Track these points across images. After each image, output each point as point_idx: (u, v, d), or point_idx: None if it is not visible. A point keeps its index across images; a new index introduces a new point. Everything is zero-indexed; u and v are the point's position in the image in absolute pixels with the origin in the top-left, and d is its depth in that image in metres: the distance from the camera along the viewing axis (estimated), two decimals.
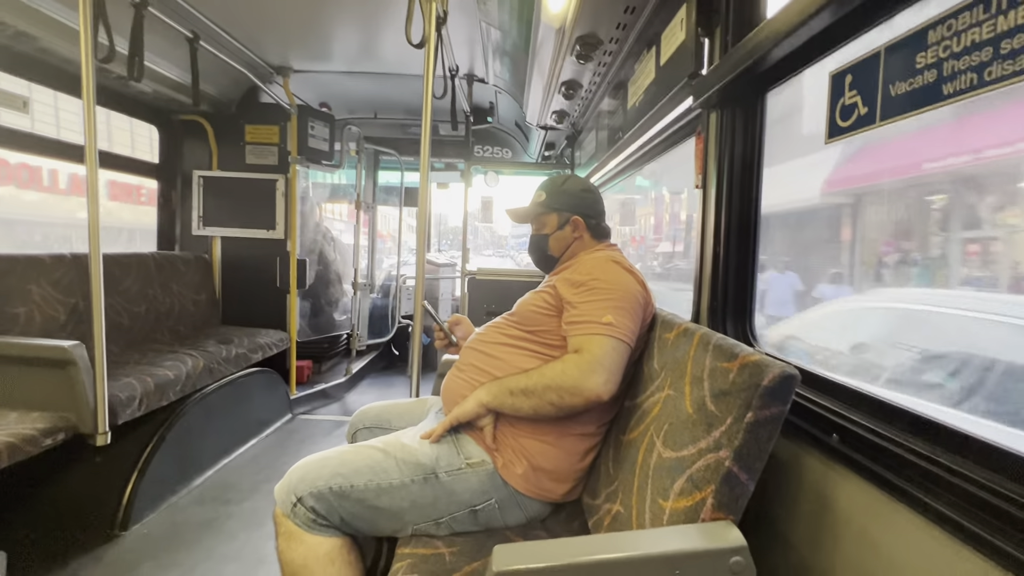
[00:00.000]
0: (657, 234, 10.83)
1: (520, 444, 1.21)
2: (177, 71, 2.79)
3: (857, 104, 0.81)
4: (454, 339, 1.59)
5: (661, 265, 9.85)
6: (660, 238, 10.57)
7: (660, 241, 10.55)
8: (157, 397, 2.13)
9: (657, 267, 9.73)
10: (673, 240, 9.82)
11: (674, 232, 9.75)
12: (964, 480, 0.64)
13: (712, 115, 1.29)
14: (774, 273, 3.85)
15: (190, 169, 3.43)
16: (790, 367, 0.79)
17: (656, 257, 10.37)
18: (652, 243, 11.04)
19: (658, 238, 10.71)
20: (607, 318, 1.14)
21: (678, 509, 0.85)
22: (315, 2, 2.41)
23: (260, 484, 2.40)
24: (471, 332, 1.58)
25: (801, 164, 3.42)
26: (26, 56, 2.31)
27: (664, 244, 10.35)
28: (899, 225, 2.90)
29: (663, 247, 10.35)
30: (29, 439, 1.63)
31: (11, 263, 2.20)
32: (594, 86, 2.45)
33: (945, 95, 0.64)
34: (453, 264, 4.94)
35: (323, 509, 1.12)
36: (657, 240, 10.74)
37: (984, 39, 0.59)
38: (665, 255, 10.08)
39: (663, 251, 10.23)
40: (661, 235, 10.53)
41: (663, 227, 10.40)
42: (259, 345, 3.07)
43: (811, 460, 0.91)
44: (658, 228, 10.82)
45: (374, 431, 1.53)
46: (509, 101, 3.62)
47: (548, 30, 1.94)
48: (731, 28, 1.20)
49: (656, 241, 10.80)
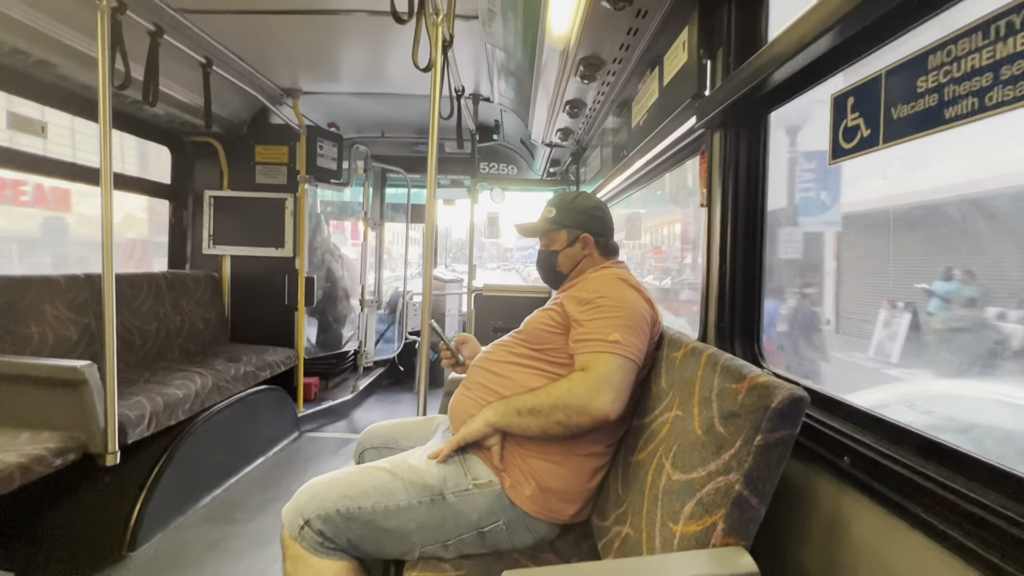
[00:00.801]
0: (685, 243, 10.76)
1: (528, 464, 1.20)
2: (190, 95, 2.86)
3: (860, 126, 0.82)
4: (460, 358, 1.59)
5: (690, 277, 9.60)
6: (689, 247, 10.46)
7: (688, 250, 10.45)
8: (166, 416, 2.15)
9: (689, 278, 9.46)
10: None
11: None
12: (981, 508, 0.63)
13: (716, 135, 1.30)
14: None
15: (201, 189, 3.50)
16: (799, 389, 0.78)
17: (683, 269, 10.22)
18: (679, 252, 10.97)
19: (687, 247, 10.62)
20: (614, 336, 1.14)
21: (688, 533, 0.84)
22: (324, 27, 2.47)
23: (267, 503, 2.39)
24: (478, 351, 1.58)
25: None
26: (45, 83, 2.38)
27: (690, 254, 10.24)
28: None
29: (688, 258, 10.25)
30: (40, 459, 1.64)
31: (26, 284, 2.24)
32: (598, 105, 2.48)
33: (947, 119, 0.65)
34: (460, 280, 4.96)
35: (330, 531, 1.11)
36: (686, 249, 10.64)
37: (984, 65, 0.60)
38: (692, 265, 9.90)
39: (688, 262, 10.12)
40: (689, 243, 10.43)
41: (690, 234, 10.31)
42: (267, 363, 3.09)
43: (823, 483, 0.90)
44: (685, 236, 10.76)
45: (382, 451, 1.52)
46: (514, 119, 3.67)
47: (552, 51, 1.97)
48: (733, 51, 1.22)
49: (684, 250, 10.73)
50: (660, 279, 10.98)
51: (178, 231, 3.51)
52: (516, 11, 2.03)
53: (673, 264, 11.46)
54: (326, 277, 4.17)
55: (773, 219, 5.45)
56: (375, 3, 2.22)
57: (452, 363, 1.59)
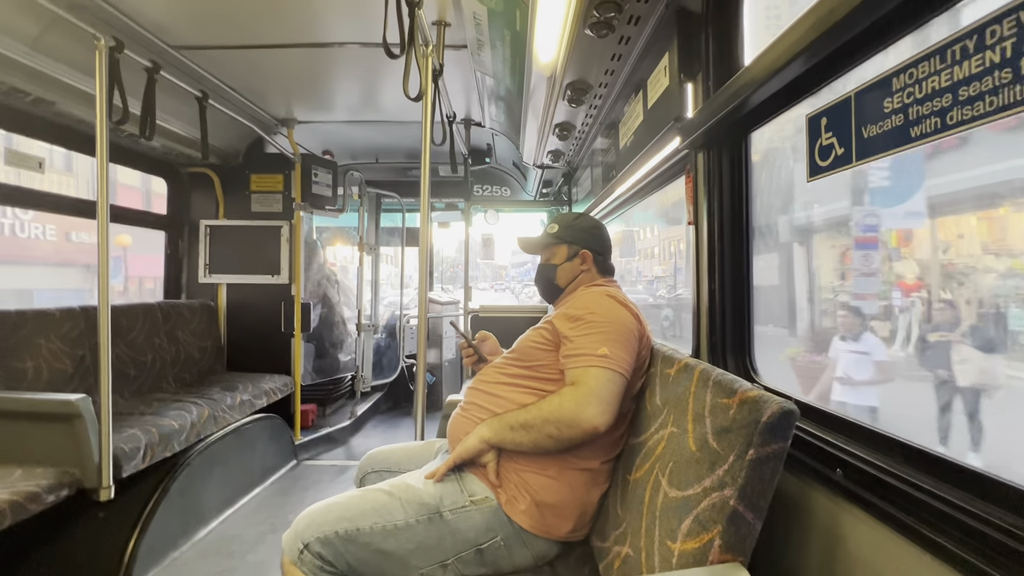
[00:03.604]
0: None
1: (523, 479, 1.21)
2: (186, 127, 2.91)
3: (834, 144, 0.85)
4: (482, 354, 1.61)
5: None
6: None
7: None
8: (162, 448, 2.13)
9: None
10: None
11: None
12: (976, 519, 0.64)
13: (699, 155, 1.34)
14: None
15: (197, 219, 3.53)
16: (788, 402, 0.79)
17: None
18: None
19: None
20: (602, 350, 1.17)
21: (686, 551, 0.84)
22: (317, 59, 2.54)
23: (265, 535, 2.35)
24: (498, 349, 1.62)
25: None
26: (42, 119, 2.42)
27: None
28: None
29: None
30: (33, 497, 1.62)
31: (21, 318, 2.24)
32: (587, 127, 2.54)
33: (913, 137, 0.68)
34: (456, 302, 4.97)
35: (330, 555, 1.11)
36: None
37: (943, 86, 0.63)
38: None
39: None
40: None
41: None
42: (264, 391, 3.07)
43: (819, 497, 0.90)
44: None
45: (383, 475, 1.52)
46: (506, 142, 3.74)
47: (540, 77, 2.03)
48: (712, 74, 1.26)
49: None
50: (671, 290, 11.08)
51: (174, 261, 3.52)
52: (503, 40, 2.09)
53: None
54: (322, 303, 4.18)
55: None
56: (367, 35, 2.29)
57: (474, 360, 1.62)
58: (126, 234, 12.97)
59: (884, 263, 4.48)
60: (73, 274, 12.77)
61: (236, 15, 2.12)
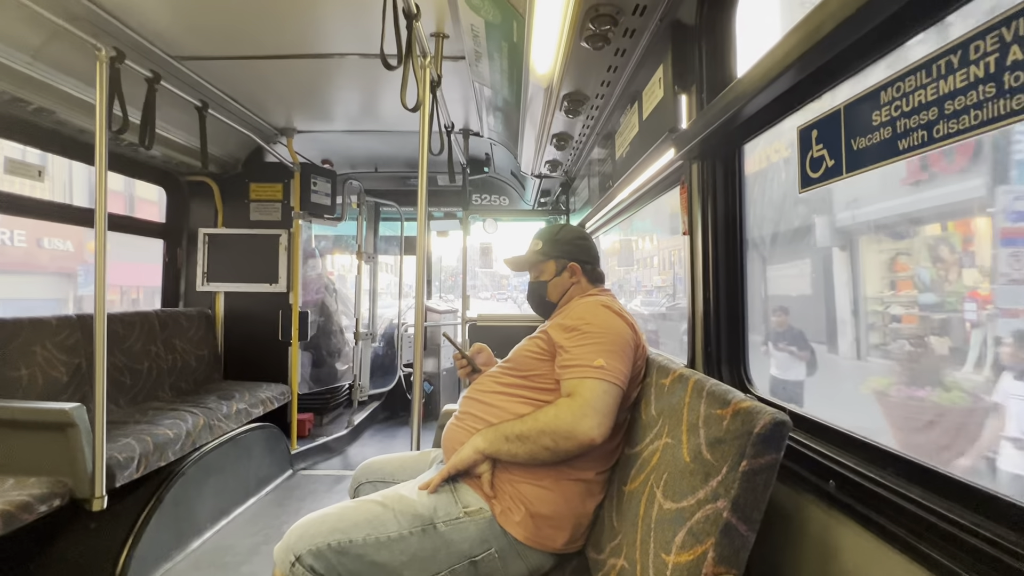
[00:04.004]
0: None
1: (517, 490, 1.20)
2: (185, 136, 2.92)
3: (824, 157, 0.86)
4: (476, 366, 1.61)
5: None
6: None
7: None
8: (156, 457, 2.11)
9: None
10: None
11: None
12: (968, 532, 0.63)
13: (694, 166, 1.35)
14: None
15: (196, 227, 3.53)
16: (781, 413, 0.79)
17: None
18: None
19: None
20: (598, 361, 1.16)
21: (680, 564, 0.83)
22: (317, 69, 2.56)
23: (259, 546, 2.32)
24: (492, 360, 1.61)
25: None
26: (42, 128, 2.43)
27: None
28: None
29: None
30: (25, 506, 1.60)
31: (17, 327, 2.23)
32: (584, 137, 2.55)
33: (901, 150, 0.69)
34: (454, 311, 4.97)
35: (322, 568, 1.10)
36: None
37: (929, 100, 0.64)
38: None
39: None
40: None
41: None
42: (260, 399, 3.06)
43: (813, 509, 0.90)
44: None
45: (377, 485, 1.51)
46: (504, 152, 3.76)
47: (537, 88, 2.04)
48: (705, 86, 1.28)
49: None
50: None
51: (172, 269, 3.53)
52: (501, 52, 2.11)
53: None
54: (320, 311, 4.17)
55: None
56: (366, 47, 2.31)
57: (468, 372, 1.61)
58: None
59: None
60: (45, 283, 11.83)
61: (236, 26, 2.14)
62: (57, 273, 12.12)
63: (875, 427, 3.02)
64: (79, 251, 12.34)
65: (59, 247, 12.03)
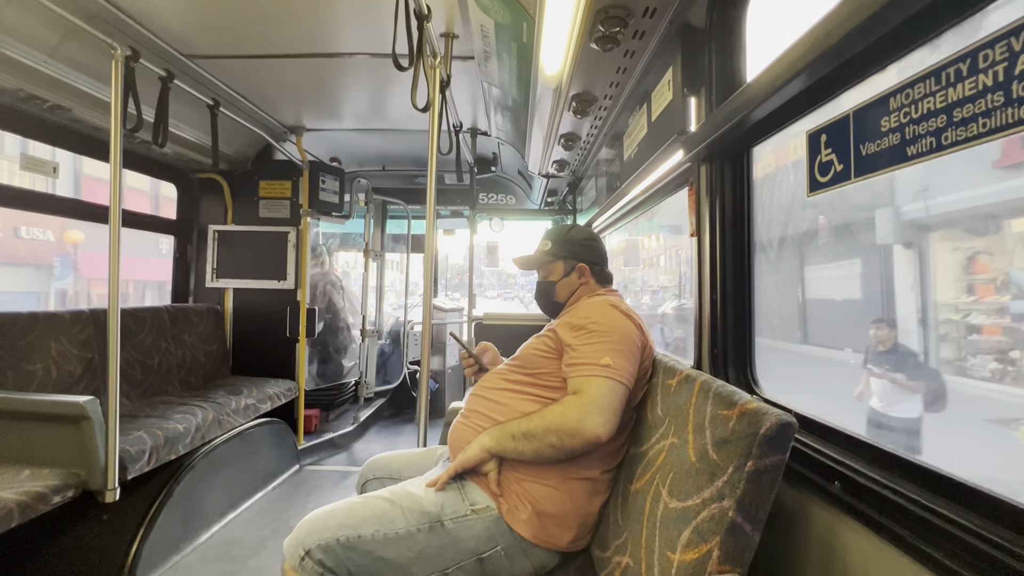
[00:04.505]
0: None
1: (524, 489, 1.21)
2: (197, 134, 2.96)
3: (833, 161, 0.86)
4: (482, 364, 1.62)
5: None
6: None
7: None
8: (167, 450, 2.14)
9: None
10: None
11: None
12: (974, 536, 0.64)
13: (702, 168, 1.36)
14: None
15: (206, 224, 3.57)
16: (787, 415, 0.80)
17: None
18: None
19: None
20: (605, 360, 1.18)
21: (685, 562, 0.84)
22: (327, 68, 2.58)
23: (267, 540, 2.35)
24: (498, 358, 1.62)
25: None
26: (58, 126, 2.47)
27: None
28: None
29: None
30: (40, 497, 1.64)
31: (32, 321, 2.27)
32: (592, 137, 2.56)
33: (910, 156, 0.69)
34: (460, 309, 4.99)
35: (331, 562, 1.12)
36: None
37: (938, 107, 0.64)
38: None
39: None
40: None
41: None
42: (268, 395, 3.09)
43: (817, 510, 0.91)
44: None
45: (384, 482, 1.53)
46: (511, 151, 3.77)
47: (545, 89, 2.05)
48: (715, 89, 1.28)
49: None
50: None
51: (182, 265, 3.57)
52: (510, 52, 2.12)
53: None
54: (327, 308, 4.20)
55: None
56: (376, 46, 2.33)
57: (475, 370, 1.63)
58: (78, 230, 11.15)
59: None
60: (21, 275, 11.08)
61: (248, 25, 2.17)
62: (37, 265, 11.44)
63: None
64: (59, 241, 11.68)
65: (39, 236, 11.37)
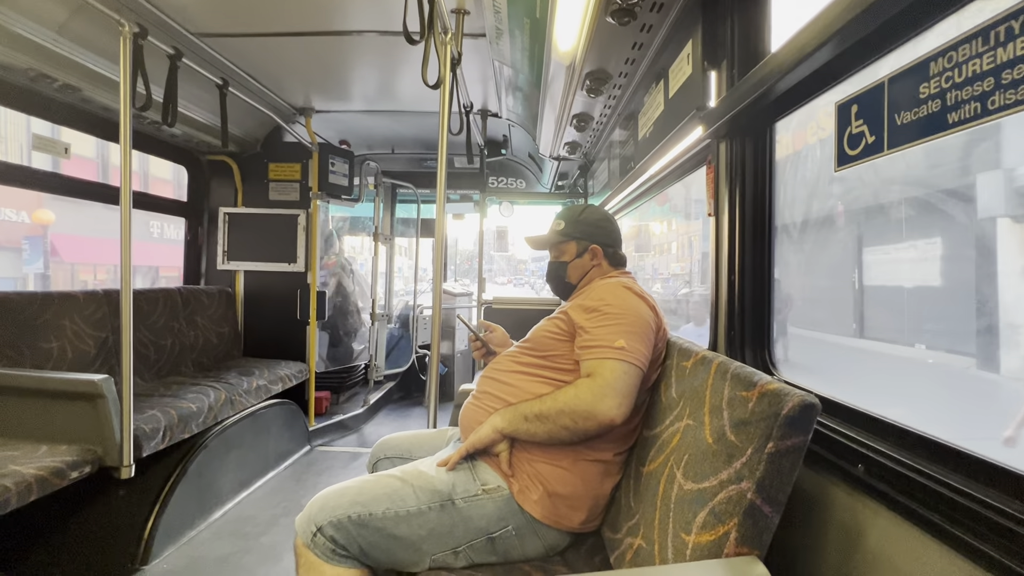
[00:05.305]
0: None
1: (535, 470, 1.21)
2: (206, 115, 2.94)
3: (864, 133, 0.83)
4: (490, 347, 1.62)
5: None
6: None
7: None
8: (180, 429, 2.17)
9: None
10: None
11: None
12: (1003, 516, 0.62)
13: (722, 145, 1.32)
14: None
15: (216, 206, 3.58)
16: (810, 396, 0.78)
17: None
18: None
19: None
20: (619, 342, 1.16)
21: (701, 543, 0.83)
22: (336, 47, 2.54)
23: (278, 518, 2.39)
24: (506, 340, 1.61)
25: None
26: (68, 106, 2.47)
27: None
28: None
29: None
30: (57, 472, 1.66)
31: (47, 300, 2.29)
32: (604, 118, 2.51)
33: (950, 123, 0.65)
34: (469, 294, 4.98)
35: (342, 539, 1.12)
36: None
37: (985, 70, 0.61)
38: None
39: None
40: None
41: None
42: (279, 377, 3.12)
43: (838, 492, 0.89)
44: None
45: (395, 461, 1.53)
46: (522, 133, 3.72)
47: (558, 67, 2.01)
48: (737, 62, 1.24)
49: None
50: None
51: (193, 247, 3.58)
52: (523, 29, 2.07)
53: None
54: (337, 291, 4.22)
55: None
56: (385, 24, 2.28)
57: (483, 353, 1.63)
58: (47, 209, 10.40)
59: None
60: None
61: (256, 2, 2.13)
62: (4, 247, 10.58)
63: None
64: (27, 222, 10.75)
65: (12, 216, 10.47)
